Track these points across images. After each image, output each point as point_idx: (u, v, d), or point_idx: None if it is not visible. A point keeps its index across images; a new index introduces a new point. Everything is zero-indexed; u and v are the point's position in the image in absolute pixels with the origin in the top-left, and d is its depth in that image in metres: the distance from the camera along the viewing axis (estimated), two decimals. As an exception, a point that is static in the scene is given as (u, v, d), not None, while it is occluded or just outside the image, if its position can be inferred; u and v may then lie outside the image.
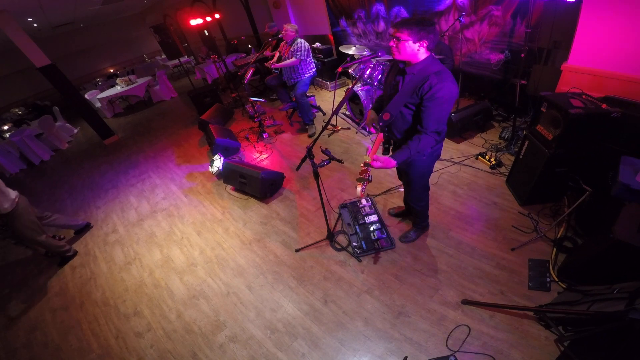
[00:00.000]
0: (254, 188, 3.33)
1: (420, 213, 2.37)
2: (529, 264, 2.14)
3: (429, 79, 1.53)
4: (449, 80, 1.53)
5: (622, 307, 1.37)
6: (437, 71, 1.54)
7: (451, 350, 1.80)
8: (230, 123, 5.52)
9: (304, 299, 2.29)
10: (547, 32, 2.98)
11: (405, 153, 1.67)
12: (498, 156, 3.14)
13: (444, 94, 1.52)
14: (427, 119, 1.60)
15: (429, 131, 1.63)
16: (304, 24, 6.37)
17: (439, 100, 1.54)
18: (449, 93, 1.53)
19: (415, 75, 1.59)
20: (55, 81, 5.38)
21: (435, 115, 1.59)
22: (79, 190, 4.72)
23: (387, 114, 1.71)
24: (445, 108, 1.59)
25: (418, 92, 1.58)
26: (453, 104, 1.63)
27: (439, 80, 1.51)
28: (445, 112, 1.62)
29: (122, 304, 2.64)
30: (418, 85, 1.57)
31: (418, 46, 1.52)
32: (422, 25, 1.48)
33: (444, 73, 1.54)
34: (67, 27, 8.85)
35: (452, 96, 1.56)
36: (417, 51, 1.55)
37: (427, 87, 1.53)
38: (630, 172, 1.78)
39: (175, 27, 8.11)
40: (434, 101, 1.54)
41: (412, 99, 1.62)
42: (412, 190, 2.15)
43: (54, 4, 5.73)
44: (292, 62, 3.90)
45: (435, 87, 1.51)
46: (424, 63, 1.58)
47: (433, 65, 1.57)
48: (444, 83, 1.51)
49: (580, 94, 2.22)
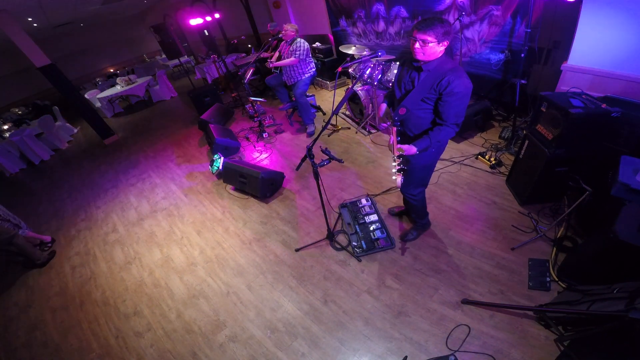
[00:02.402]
0: (254, 188, 3.33)
1: (416, 208, 2.34)
2: (529, 264, 2.14)
3: (446, 76, 1.60)
4: (464, 77, 1.62)
5: (622, 306, 1.37)
6: (452, 68, 1.61)
7: (451, 350, 1.80)
8: (230, 123, 5.52)
9: (303, 299, 2.29)
10: (547, 32, 2.98)
11: (426, 141, 1.78)
12: (498, 156, 3.14)
13: (462, 89, 1.61)
14: (448, 112, 1.70)
15: (449, 123, 1.73)
16: (304, 23, 6.37)
17: (458, 94, 1.62)
18: (465, 88, 1.62)
19: (432, 72, 1.66)
20: (55, 81, 5.39)
21: (455, 108, 1.68)
22: (79, 190, 4.72)
23: (404, 108, 1.79)
24: (464, 101, 1.68)
25: (436, 88, 1.66)
26: (469, 98, 1.72)
27: (455, 77, 1.59)
28: (464, 105, 1.71)
29: (122, 304, 2.64)
30: (435, 81, 1.64)
31: (441, 46, 1.59)
32: (445, 26, 1.53)
33: (459, 70, 1.63)
34: (67, 27, 8.84)
35: (468, 90, 1.65)
36: (439, 52, 1.62)
37: (446, 83, 1.61)
38: (630, 171, 1.78)
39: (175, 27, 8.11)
40: (453, 96, 1.63)
41: (429, 94, 1.70)
42: (410, 181, 2.15)
43: (54, 4, 5.72)
44: (291, 62, 3.90)
45: (453, 83, 1.59)
46: (439, 60, 1.65)
47: (447, 62, 1.65)
48: (461, 79, 1.60)
49: (580, 93, 2.22)
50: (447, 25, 1.55)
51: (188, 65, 9.72)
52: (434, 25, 1.51)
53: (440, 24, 1.52)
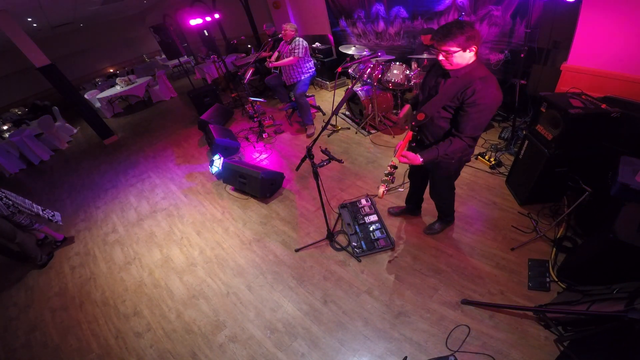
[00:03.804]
0: (253, 188, 3.33)
1: (444, 209, 2.38)
2: (528, 264, 2.13)
3: (473, 84, 1.46)
4: (494, 87, 1.47)
5: (622, 307, 1.37)
6: (482, 76, 1.47)
7: (451, 350, 1.80)
8: (230, 123, 5.52)
9: (303, 299, 2.29)
10: (547, 32, 2.98)
11: (433, 153, 1.66)
12: (498, 156, 3.14)
13: (486, 101, 1.47)
14: (465, 124, 1.57)
15: (464, 136, 1.60)
16: (303, 24, 6.37)
17: (480, 106, 1.49)
18: (492, 100, 1.48)
19: (459, 79, 1.52)
20: (55, 81, 5.38)
21: (474, 121, 1.55)
22: (79, 190, 4.72)
23: (422, 114, 1.65)
24: (486, 115, 1.54)
25: (460, 97, 1.52)
26: (494, 112, 1.57)
27: (484, 86, 1.45)
28: (485, 119, 1.57)
29: (121, 304, 2.64)
30: (461, 89, 1.50)
31: (469, 52, 1.46)
32: (465, 31, 1.40)
33: (490, 79, 1.47)
34: (67, 27, 8.83)
35: (494, 103, 1.50)
36: (468, 58, 1.48)
37: (471, 92, 1.47)
38: (630, 172, 1.78)
39: (175, 27, 8.12)
40: (475, 107, 1.49)
41: (452, 102, 1.56)
42: (436, 190, 2.16)
43: (53, 4, 5.73)
44: (290, 61, 3.90)
45: (479, 93, 1.45)
46: (470, 67, 1.51)
47: (479, 69, 1.50)
48: (489, 90, 1.45)
49: (580, 94, 2.22)
50: (469, 29, 1.40)
51: (188, 66, 9.71)
52: (451, 34, 1.39)
53: (459, 30, 1.39)
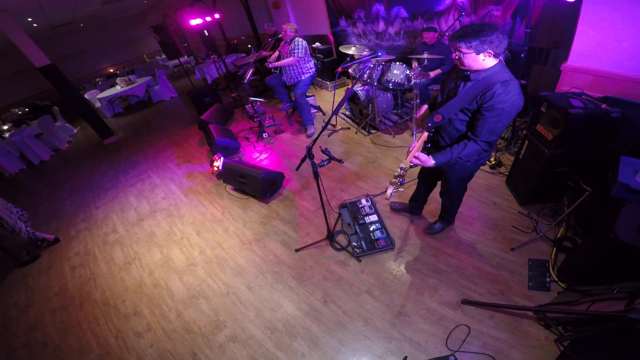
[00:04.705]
0: (253, 188, 3.33)
1: (450, 209, 2.39)
2: (528, 264, 2.13)
3: (493, 88, 1.44)
4: (515, 92, 1.43)
5: (622, 307, 1.37)
6: (504, 80, 1.43)
7: (451, 350, 1.80)
8: (230, 123, 5.52)
9: (303, 299, 2.29)
10: (547, 32, 2.98)
11: (447, 156, 1.65)
12: (498, 156, 3.14)
13: (505, 106, 1.44)
14: (481, 128, 1.55)
15: (479, 140, 1.58)
16: (303, 24, 6.37)
17: (498, 111, 1.46)
18: (511, 105, 1.44)
19: (480, 82, 1.50)
20: (55, 81, 5.39)
21: (490, 125, 1.52)
22: (79, 190, 4.72)
23: (439, 116, 1.63)
24: (503, 120, 1.51)
25: (478, 100, 1.50)
26: (513, 117, 1.54)
27: (504, 90, 1.42)
28: (502, 125, 1.54)
29: (121, 304, 2.64)
30: (480, 92, 1.48)
31: (483, 56, 1.43)
32: (481, 35, 1.37)
33: (512, 83, 1.44)
34: (67, 27, 8.84)
35: (513, 109, 1.47)
36: (482, 61, 1.46)
37: (490, 95, 1.45)
38: (630, 172, 1.78)
39: (175, 27, 8.12)
40: (492, 111, 1.47)
41: (470, 105, 1.54)
42: (448, 190, 2.17)
43: (54, 4, 5.73)
44: (290, 61, 3.90)
45: (499, 97, 1.43)
46: (492, 70, 1.48)
47: (502, 73, 1.46)
48: (509, 95, 1.42)
49: (580, 94, 2.22)
50: (488, 32, 1.36)
51: (188, 66, 9.72)
52: (466, 35, 1.39)
53: (474, 33, 1.37)
